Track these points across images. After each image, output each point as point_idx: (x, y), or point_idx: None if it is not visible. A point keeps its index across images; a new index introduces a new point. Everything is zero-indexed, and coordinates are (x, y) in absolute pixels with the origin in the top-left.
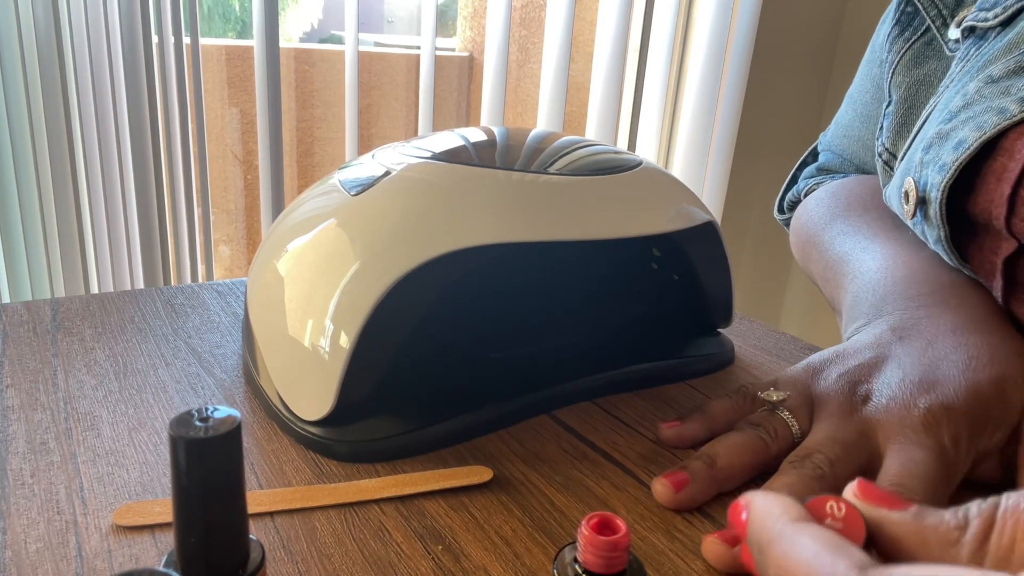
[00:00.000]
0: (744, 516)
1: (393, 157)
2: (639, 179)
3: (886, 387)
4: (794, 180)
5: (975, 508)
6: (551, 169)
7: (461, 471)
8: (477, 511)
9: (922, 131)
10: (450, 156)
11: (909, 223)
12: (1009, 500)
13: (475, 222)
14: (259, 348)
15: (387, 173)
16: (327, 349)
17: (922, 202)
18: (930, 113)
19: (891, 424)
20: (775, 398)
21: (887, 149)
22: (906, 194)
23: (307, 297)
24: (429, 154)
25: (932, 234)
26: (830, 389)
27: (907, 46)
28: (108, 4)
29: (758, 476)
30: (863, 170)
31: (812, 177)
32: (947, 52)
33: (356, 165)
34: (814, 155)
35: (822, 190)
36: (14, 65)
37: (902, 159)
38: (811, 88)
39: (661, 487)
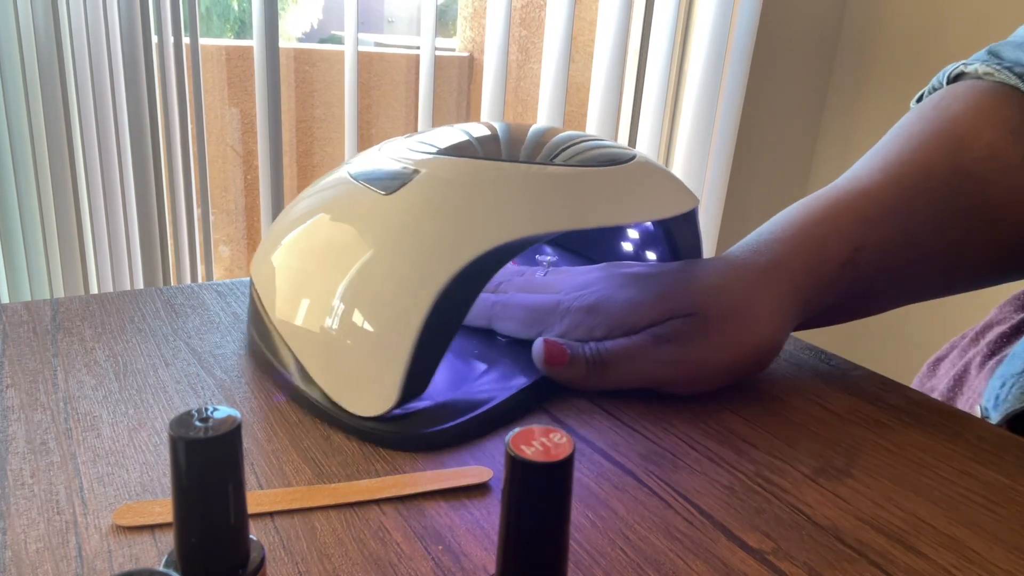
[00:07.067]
0: None
1: (410, 153)
2: (642, 168)
3: None
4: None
5: None
6: (572, 161)
7: (461, 471)
8: (477, 511)
9: None
10: (476, 151)
11: None
12: None
13: (517, 215)
14: (293, 348)
15: (416, 171)
16: (390, 343)
17: None
18: None
19: None
20: None
21: None
22: None
23: (359, 297)
24: (455, 150)
25: None
26: None
27: None
28: (108, 4)
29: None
30: None
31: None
32: None
33: (367, 163)
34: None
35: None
36: (14, 66)
37: None
38: (811, 88)
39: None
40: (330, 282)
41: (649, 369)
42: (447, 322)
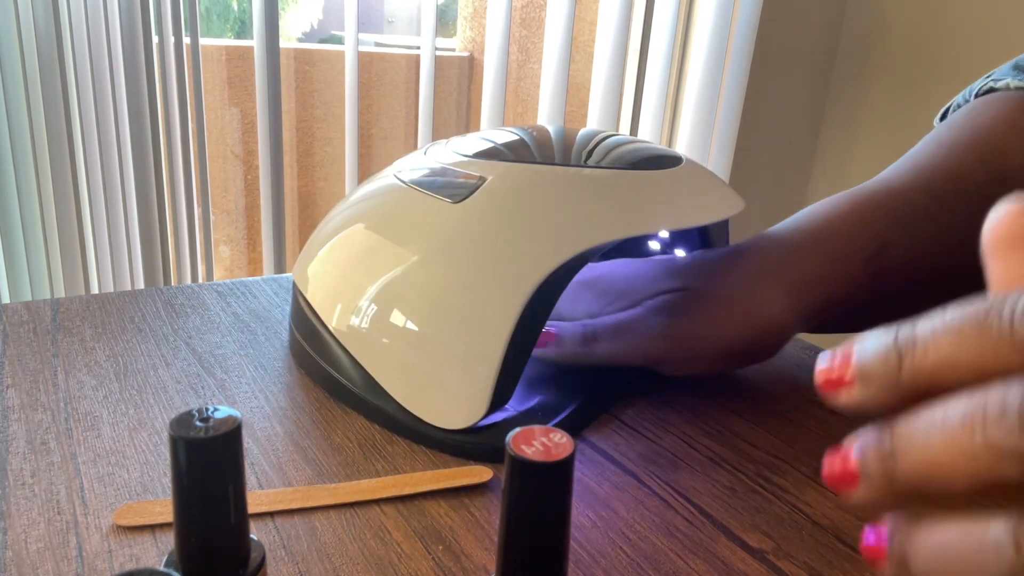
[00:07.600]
0: None
1: (463, 159)
2: (695, 171)
3: None
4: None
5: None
6: (626, 164)
7: (461, 471)
8: (477, 511)
9: None
10: (532, 155)
11: None
12: None
13: (593, 220)
14: (358, 359)
15: (482, 179)
16: (479, 355)
17: None
18: None
19: None
20: None
21: None
22: None
23: (441, 309)
24: (513, 155)
25: None
26: None
27: None
28: (108, 4)
29: None
30: None
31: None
32: None
33: (420, 170)
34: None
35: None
36: (14, 65)
37: None
38: (812, 89)
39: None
40: (405, 293)
41: (641, 342)
42: (531, 330)
